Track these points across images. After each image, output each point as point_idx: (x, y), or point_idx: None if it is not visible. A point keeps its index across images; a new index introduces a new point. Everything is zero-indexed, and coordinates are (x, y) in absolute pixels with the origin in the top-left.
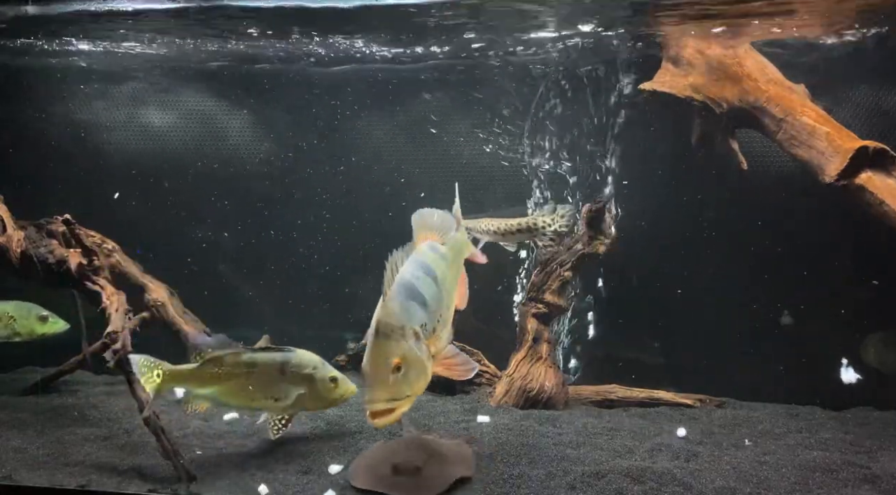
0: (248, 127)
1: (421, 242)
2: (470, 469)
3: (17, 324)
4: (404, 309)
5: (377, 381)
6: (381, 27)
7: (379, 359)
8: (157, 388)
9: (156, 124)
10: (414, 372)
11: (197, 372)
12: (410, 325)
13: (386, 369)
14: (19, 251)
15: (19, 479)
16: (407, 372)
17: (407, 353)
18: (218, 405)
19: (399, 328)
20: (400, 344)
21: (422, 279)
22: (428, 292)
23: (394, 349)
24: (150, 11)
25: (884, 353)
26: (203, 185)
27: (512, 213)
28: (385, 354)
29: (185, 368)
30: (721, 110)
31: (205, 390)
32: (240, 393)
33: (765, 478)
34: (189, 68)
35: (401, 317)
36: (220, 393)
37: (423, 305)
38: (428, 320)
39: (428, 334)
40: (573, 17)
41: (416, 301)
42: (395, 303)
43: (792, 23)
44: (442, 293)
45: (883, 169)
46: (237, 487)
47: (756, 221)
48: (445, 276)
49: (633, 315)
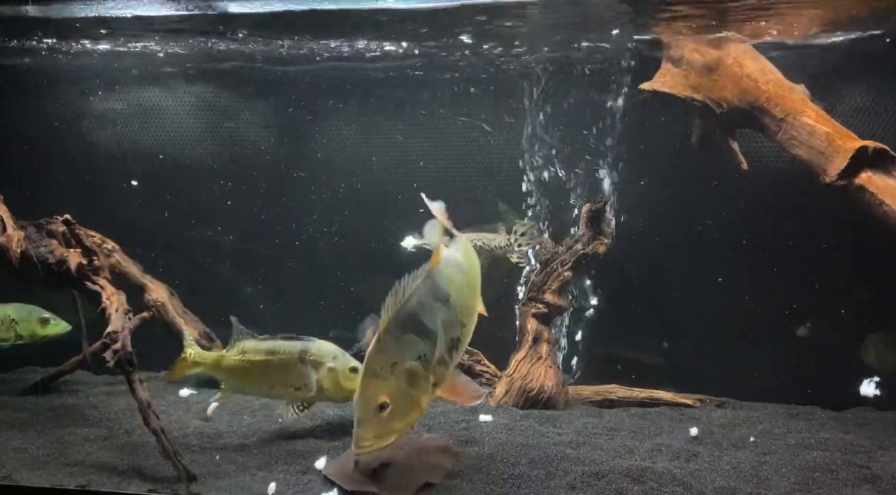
0: (252, 126)
1: (440, 253)
2: (438, 476)
3: (18, 326)
4: (399, 343)
5: (363, 419)
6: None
7: (365, 398)
8: (183, 369)
9: (156, 124)
10: (401, 410)
11: (221, 359)
12: (403, 361)
13: (371, 408)
14: (19, 251)
15: (19, 479)
16: (394, 410)
17: (393, 392)
18: (241, 392)
19: (389, 365)
20: (387, 381)
21: (428, 305)
22: (433, 320)
23: (380, 387)
24: (152, 17)
25: (884, 353)
26: (204, 185)
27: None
28: (371, 393)
29: (211, 354)
30: (721, 110)
31: (228, 377)
32: (260, 381)
33: (765, 478)
34: (190, 68)
35: (392, 353)
36: (243, 379)
37: (424, 335)
38: (428, 350)
39: (430, 364)
40: (573, 17)
41: (415, 332)
42: (389, 337)
43: (791, 22)
44: (456, 315)
45: (883, 169)
46: (237, 487)
47: (756, 221)
48: (462, 294)
49: (633, 315)
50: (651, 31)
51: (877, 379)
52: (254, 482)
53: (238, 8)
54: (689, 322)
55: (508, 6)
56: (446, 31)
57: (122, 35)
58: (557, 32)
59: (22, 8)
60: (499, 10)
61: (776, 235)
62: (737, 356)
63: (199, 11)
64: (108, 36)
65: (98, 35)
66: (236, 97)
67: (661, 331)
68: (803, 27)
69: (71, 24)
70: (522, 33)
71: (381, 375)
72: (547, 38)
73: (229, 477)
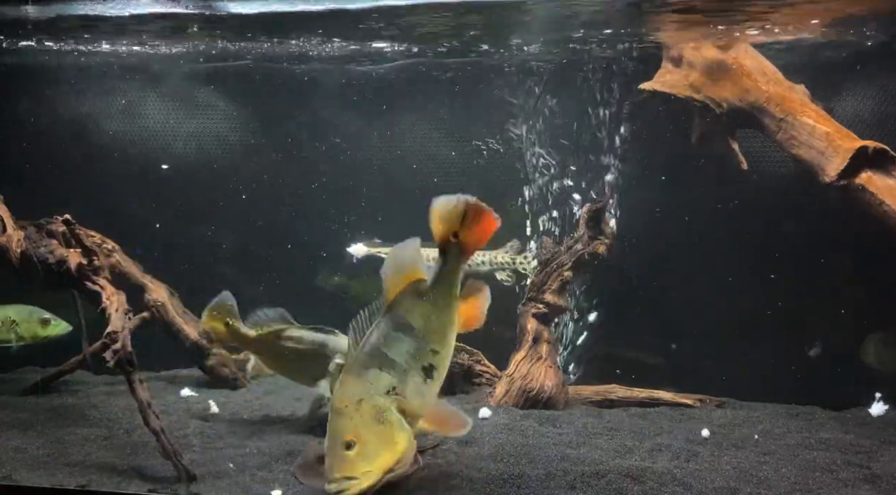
0: (255, 126)
1: (395, 289)
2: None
3: (19, 328)
4: (361, 379)
5: (331, 459)
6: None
7: (331, 437)
8: (217, 332)
9: (156, 123)
10: (371, 449)
11: (255, 339)
12: (368, 397)
13: (337, 447)
14: (19, 251)
15: (19, 479)
16: (362, 448)
17: (360, 429)
18: (272, 370)
19: (354, 402)
20: (352, 420)
21: (391, 337)
22: (398, 350)
23: (345, 426)
24: (152, 17)
25: (884, 353)
26: (204, 185)
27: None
28: (336, 431)
29: (247, 332)
30: (721, 110)
31: (259, 356)
32: (285, 366)
33: (765, 478)
34: (191, 68)
35: (356, 389)
36: (269, 362)
37: (389, 367)
38: (399, 381)
39: (403, 394)
40: (573, 18)
41: (378, 366)
42: (351, 374)
43: (791, 21)
44: (424, 343)
45: (883, 169)
46: (237, 487)
47: (756, 221)
48: (430, 321)
49: (633, 315)
50: (653, 32)
51: (879, 395)
52: (254, 482)
53: (238, 8)
54: (689, 322)
55: (509, 4)
56: (437, 31)
57: (122, 34)
58: (557, 32)
59: (22, 8)
60: (498, 8)
61: (776, 235)
62: (737, 356)
63: (199, 11)
64: (108, 35)
65: (98, 34)
66: (237, 97)
67: (661, 331)
68: (804, 26)
69: (70, 23)
70: (520, 31)
71: (345, 413)
72: (545, 38)
73: (229, 477)
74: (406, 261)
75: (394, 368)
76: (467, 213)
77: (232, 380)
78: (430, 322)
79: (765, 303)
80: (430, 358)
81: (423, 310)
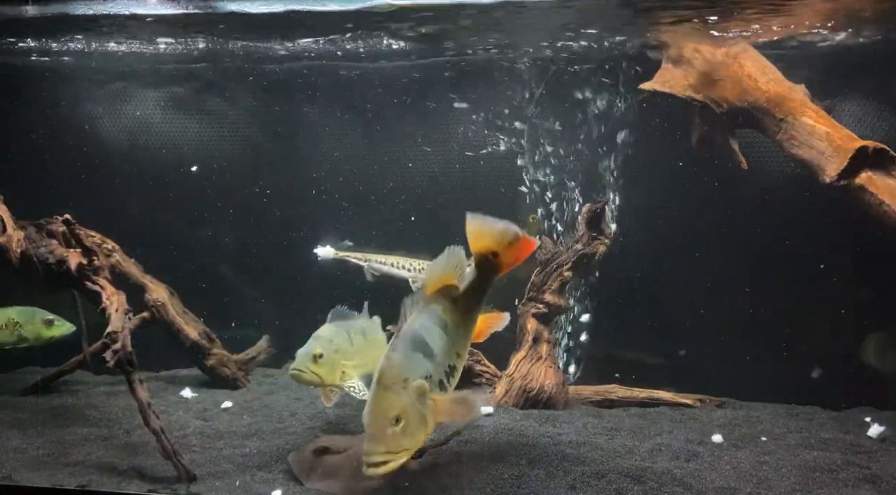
0: (252, 126)
1: (433, 287)
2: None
3: (23, 329)
4: (408, 360)
5: (375, 433)
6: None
7: (378, 411)
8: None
9: (156, 123)
10: (413, 426)
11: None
12: (413, 377)
13: (385, 422)
14: (19, 251)
15: (19, 479)
16: (406, 426)
17: (407, 407)
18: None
19: (401, 380)
20: (400, 396)
21: (430, 329)
22: (436, 343)
23: (394, 402)
24: (152, 17)
25: (884, 353)
26: (204, 184)
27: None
28: (385, 407)
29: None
30: (721, 110)
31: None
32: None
33: (765, 478)
34: (191, 67)
35: (404, 369)
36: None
37: (429, 357)
38: (433, 371)
39: (433, 386)
40: (572, 19)
41: (421, 352)
42: (399, 353)
43: (791, 21)
44: (452, 344)
45: (883, 169)
46: (237, 487)
47: (756, 221)
48: (458, 326)
49: (633, 315)
50: (654, 32)
51: (881, 427)
52: (254, 482)
53: (238, 7)
54: (689, 322)
55: (507, 4)
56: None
57: (122, 34)
58: (556, 31)
59: (22, 8)
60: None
61: (776, 235)
62: (737, 356)
63: (199, 11)
64: (108, 35)
65: (98, 34)
66: (237, 97)
67: (662, 331)
68: (805, 26)
69: (70, 23)
70: (518, 31)
71: (393, 390)
72: (545, 37)
73: (229, 477)
74: (449, 266)
75: (431, 359)
76: (513, 237)
77: (232, 380)
78: (457, 327)
79: (765, 303)
80: (453, 359)
81: (454, 315)
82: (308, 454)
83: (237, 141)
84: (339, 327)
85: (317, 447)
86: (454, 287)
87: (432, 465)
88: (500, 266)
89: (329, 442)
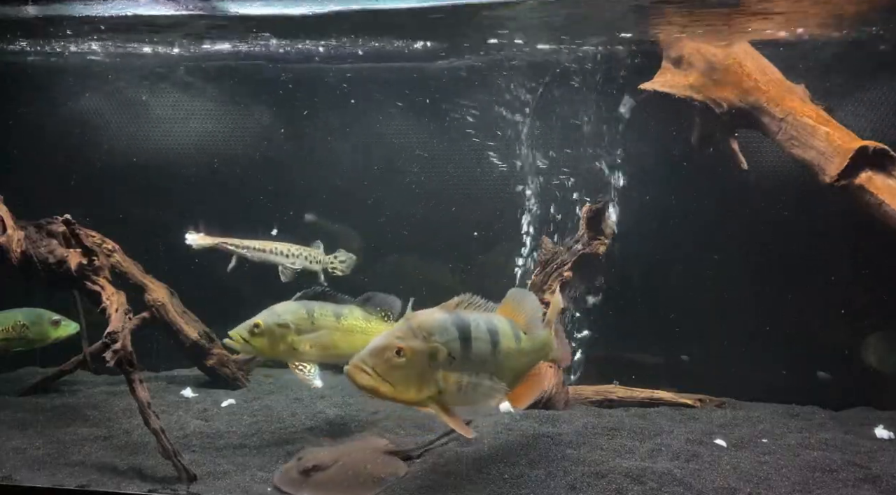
0: (253, 126)
1: (505, 310)
2: (374, 489)
3: (29, 331)
4: (445, 327)
5: (375, 350)
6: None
7: (391, 335)
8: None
9: (156, 123)
10: (408, 372)
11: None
12: (438, 340)
13: (390, 346)
14: (19, 251)
15: (19, 479)
16: (403, 364)
17: (415, 352)
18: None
19: (426, 332)
20: (416, 340)
21: (480, 329)
22: (477, 342)
23: (409, 340)
24: (152, 17)
25: (884, 353)
26: (205, 184)
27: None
28: (399, 336)
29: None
30: (721, 110)
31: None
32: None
33: (765, 478)
34: (190, 68)
35: (436, 328)
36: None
37: (464, 345)
38: (459, 358)
39: (452, 369)
40: (572, 20)
41: (460, 336)
42: (444, 316)
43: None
44: (493, 359)
45: (883, 169)
46: (237, 487)
47: (757, 221)
48: (510, 353)
49: (633, 315)
50: (653, 32)
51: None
52: (254, 482)
53: (238, 8)
54: (689, 322)
55: (507, 3)
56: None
57: (122, 35)
58: (556, 32)
59: (22, 8)
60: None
61: (776, 235)
62: (737, 356)
63: (199, 11)
64: (108, 36)
65: (97, 35)
66: (238, 97)
67: (661, 331)
68: (805, 26)
69: (70, 23)
70: (518, 31)
71: (415, 332)
72: (545, 38)
73: (229, 477)
74: (524, 306)
75: (465, 347)
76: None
77: (232, 380)
78: (510, 355)
79: (765, 303)
80: (488, 370)
81: (509, 343)
82: (296, 474)
83: (241, 140)
84: (302, 305)
85: (304, 467)
86: (518, 325)
87: (433, 465)
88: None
89: (315, 459)
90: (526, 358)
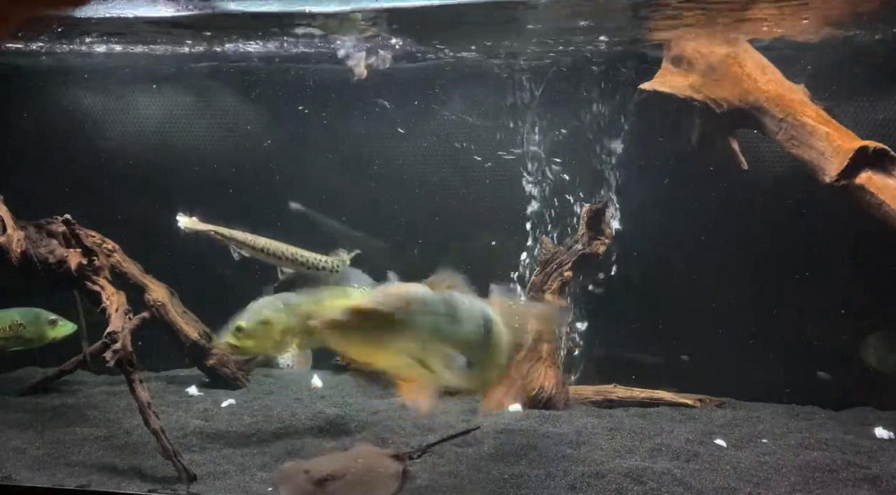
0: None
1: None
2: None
3: (26, 331)
4: (427, 303)
5: (336, 306)
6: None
7: (371, 300)
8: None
9: (156, 123)
10: (368, 326)
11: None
12: (415, 310)
13: (360, 306)
14: (19, 251)
15: (19, 479)
16: (370, 326)
17: (366, 313)
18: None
19: (404, 301)
20: (387, 302)
21: (472, 312)
22: (464, 320)
23: (378, 304)
24: (152, 18)
25: (884, 353)
26: (205, 184)
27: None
28: (377, 298)
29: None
30: (721, 110)
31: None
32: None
33: (765, 478)
34: (192, 67)
35: (416, 298)
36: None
37: (449, 320)
38: (436, 332)
39: (426, 344)
40: (573, 20)
41: (447, 310)
42: (435, 298)
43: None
44: (480, 341)
45: (883, 169)
46: (237, 487)
47: (757, 221)
48: (497, 346)
49: (633, 315)
50: (654, 32)
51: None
52: (254, 482)
53: (238, 7)
54: (689, 322)
55: (511, 3)
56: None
57: (122, 35)
58: (556, 32)
59: None
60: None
61: (776, 235)
62: (737, 356)
63: (199, 11)
64: (108, 36)
65: (98, 35)
66: (238, 97)
67: (661, 330)
68: (806, 25)
69: (70, 23)
70: (518, 32)
71: (388, 304)
72: (544, 38)
73: (229, 477)
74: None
75: (452, 325)
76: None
77: (232, 380)
78: (496, 347)
79: (765, 303)
80: (467, 353)
81: (498, 336)
82: (311, 487)
83: (241, 140)
84: (278, 299)
85: (318, 478)
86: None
87: (433, 465)
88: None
89: (325, 469)
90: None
